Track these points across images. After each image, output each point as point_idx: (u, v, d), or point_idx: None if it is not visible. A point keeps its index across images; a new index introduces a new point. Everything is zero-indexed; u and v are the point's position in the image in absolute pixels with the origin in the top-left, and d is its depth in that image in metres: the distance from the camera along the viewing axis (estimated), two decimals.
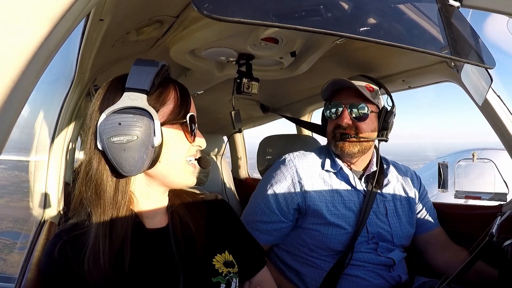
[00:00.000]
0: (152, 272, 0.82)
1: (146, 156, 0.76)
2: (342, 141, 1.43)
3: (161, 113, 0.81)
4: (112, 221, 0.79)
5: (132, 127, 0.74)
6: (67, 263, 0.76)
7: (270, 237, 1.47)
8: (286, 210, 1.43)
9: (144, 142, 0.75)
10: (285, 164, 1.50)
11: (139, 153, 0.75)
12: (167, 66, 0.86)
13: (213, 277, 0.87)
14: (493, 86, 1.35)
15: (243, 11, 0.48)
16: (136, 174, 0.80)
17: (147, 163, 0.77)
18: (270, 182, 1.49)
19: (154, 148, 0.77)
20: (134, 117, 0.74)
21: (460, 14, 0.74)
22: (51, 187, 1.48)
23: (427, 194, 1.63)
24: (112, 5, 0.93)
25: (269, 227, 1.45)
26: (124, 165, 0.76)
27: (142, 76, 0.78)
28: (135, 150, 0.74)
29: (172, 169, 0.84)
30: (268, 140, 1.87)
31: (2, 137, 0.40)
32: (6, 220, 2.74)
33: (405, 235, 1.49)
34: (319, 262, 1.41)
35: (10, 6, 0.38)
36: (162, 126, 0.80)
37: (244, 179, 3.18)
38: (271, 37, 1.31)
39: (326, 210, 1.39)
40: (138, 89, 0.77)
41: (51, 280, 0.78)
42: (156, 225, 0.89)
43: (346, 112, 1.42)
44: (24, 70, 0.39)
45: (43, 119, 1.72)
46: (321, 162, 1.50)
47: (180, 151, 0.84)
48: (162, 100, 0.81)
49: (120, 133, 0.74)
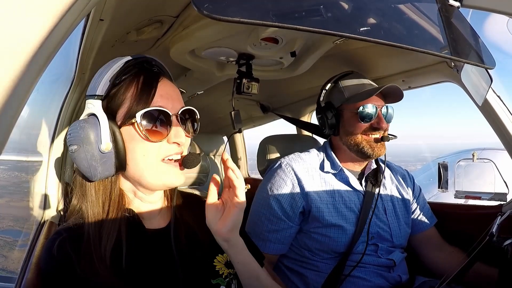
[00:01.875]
0: (151, 272, 0.82)
1: (97, 162, 0.75)
2: (379, 142, 1.41)
3: (119, 114, 0.79)
4: (102, 222, 0.80)
5: (76, 137, 0.75)
6: (66, 259, 0.76)
7: (281, 246, 1.44)
8: (292, 215, 1.41)
9: (88, 149, 0.75)
10: (283, 169, 1.47)
11: (87, 161, 0.75)
12: (140, 59, 0.82)
13: (213, 278, 0.87)
14: (493, 86, 1.35)
15: (243, 11, 0.48)
16: (100, 179, 0.79)
17: (103, 168, 0.76)
18: (271, 189, 1.46)
19: (108, 153, 0.75)
20: (77, 126, 0.76)
21: (460, 14, 0.74)
22: (51, 187, 1.48)
23: (422, 194, 1.64)
24: (112, 5, 0.93)
25: (279, 235, 1.43)
26: (83, 172, 0.77)
27: (97, 81, 0.79)
28: (82, 158, 0.75)
29: (143, 171, 0.80)
30: (268, 140, 1.87)
31: (2, 137, 0.40)
32: (6, 219, 2.78)
33: (403, 235, 1.49)
34: (321, 265, 1.40)
35: (10, 6, 0.38)
36: (122, 128, 0.78)
37: (244, 179, 3.18)
38: (271, 37, 1.31)
39: (328, 212, 1.38)
40: (91, 96, 0.78)
41: (50, 276, 0.78)
42: (156, 226, 0.89)
43: (381, 114, 1.42)
44: (24, 70, 0.39)
45: (43, 119, 1.72)
46: (320, 163, 1.50)
47: (145, 152, 0.79)
48: (119, 100, 0.79)
49: (70, 143, 0.77)
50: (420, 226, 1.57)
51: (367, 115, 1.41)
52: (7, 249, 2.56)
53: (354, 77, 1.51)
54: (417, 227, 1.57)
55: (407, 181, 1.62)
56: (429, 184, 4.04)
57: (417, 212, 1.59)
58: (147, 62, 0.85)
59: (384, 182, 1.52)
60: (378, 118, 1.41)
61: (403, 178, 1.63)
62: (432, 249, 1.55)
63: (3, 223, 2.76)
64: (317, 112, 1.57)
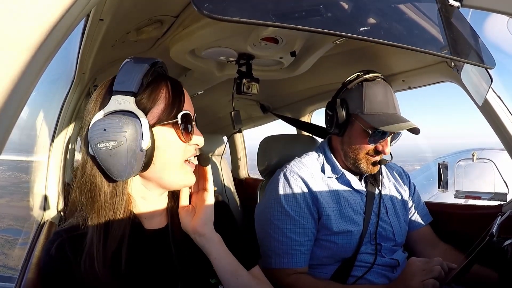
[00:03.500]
0: (150, 272, 0.82)
1: (135, 160, 0.75)
2: (377, 165, 1.40)
3: (152, 114, 0.79)
4: (109, 224, 0.79)
5: (117, 133, 0.72)
6: (65, 260, 0.76)
7: (309, 255, 1.37)
8: (312, 219, 1.37)
9: (131, 146, 0.73)
10: (288, 178, 1.41)
11: (127, 158, 0.74)
12: (160, 63, 0.85)
13: (211, 278, 0.87)
14: (493, 86, 1.34)
15: (243, 10, 0.48)
16: (128, 178, 0.79)
17: (137, 167, 0.76)
18: (281, 202, 1.37)
19: (144, 151, 0.75)
20: (119, 122, 0.73)
21: (460, 14, 0.74)
22: (51, 188, 1.48)
23: (417, 191, 1.63)
24: (112, 5, 0.93)
25: (308, 244, 1.36)
26: (113, 171, 0.75)
27: (129, 77, 0.77)
28: (122, 155, 0.73)
29: (168, 171, 0.82)
30: (268, 140, 1.87)
31: (2, 137, 0.40)
32: (7, 218, 2.81)
33: (403, 233, 1.49)
34: (326, 270, 1.39)
35: (10, 6, 0.38)
36: (154, 127, 0.78)
37: (244, 179, 3.18)
38: (271, 37, 1.31)
39: (335, 220, 1.36)
40: (124, 92, 0.76)
41: (49, 277, 0.78)
42: (155, 226, 0.89)
43: (388, 140, 1.38)
44: (24, 70, 0.39)
45: (43, 119, 1.72)
46: (320, 168, 1.47)
47: (175, 152, 0.82)
48: (152, 100, 0.79)
49: (105, 139, 0.73)
50: (416, 224, 1.57)
51: (377, 140, 1.37)
52: (8, 247, 2.61)
53: (380, 88, 1.38)
54: (412, 224, 1.56)
55: (403, 179, 1.62)
56: (429, 184, 4.04)
57: (414, 210, 1.59)
58: (162, 67, 0.88)
59: (382, 180, 1.52)
60: (385, 143, 1.38)
61: (399, 175, 1.62)
62: (426, 246, 1.55)
63: (4, 222, 2.79)
64: (329, 106, 1.47)
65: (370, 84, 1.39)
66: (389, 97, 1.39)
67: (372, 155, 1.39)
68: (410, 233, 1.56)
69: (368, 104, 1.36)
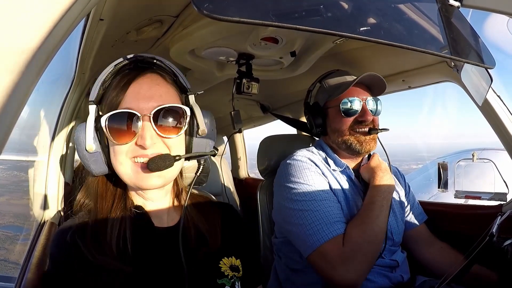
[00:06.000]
0: (158, 269, 0.83)
1: (88, 161, 0.82)
2: (367, 136, 1.37)
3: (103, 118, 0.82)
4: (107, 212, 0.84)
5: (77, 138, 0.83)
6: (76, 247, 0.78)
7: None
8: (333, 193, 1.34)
9: (79, 150, 0.83)
10: (300, 160, 1.39)
11: (83, 159, 0.83)
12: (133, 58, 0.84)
13: (218, 278, 0.87)
14: (493, 86, 1.35)
15: (243, 10, 0.48)
16: (101, 175, 0.86)
17: (94, 167, 0.83)
18: (301, 186, 1.30)
19: (93, 153, 0.81)
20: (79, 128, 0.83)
21: (460, 14, 0.74)
22: (51, 187, 1.48)
23: (411, 191, 1.64)
24: (112, 5, 0.93)
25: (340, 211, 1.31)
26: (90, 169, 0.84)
27: (95, 85, 0.83)
28: (79, 156, 0.84)
29: (118, 171, 0.83)
30: (268, 140, 1.87)
31: (2, 137, 0.40)
32: (7, 216, 2.89)
33: (401, 232, 1.49)
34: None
35: (9, 6, 0.38)
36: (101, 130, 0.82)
37: (244, 179, 3.18)
38: (271, 37, 1.31)
39: (344, 209, 1.34)
40: (89, 101, 0.83)
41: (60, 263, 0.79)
42: (165, 224, 0.90)
43: (366, 107, 1.39)
44: (24, 70, 0.39)
45: (43, 119, 1.72)
46: (324, 160, 1.47)
47: (117, 152, 0.81)
48: (103, 104, 0.84)
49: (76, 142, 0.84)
50: (412, 223, 1.57)
51: (350, 109, 1.38)
52: (9, 243, 2.74)
53: (337, 75, 1.51)
54: (409, 223, 1.56)
55: (399, 178, 1.62)
56: (428, 184, 4.04)
57: (409, 209, 1.59)
58: (141, 61, 0.85)
59: None
60: (363, 110, 1.38)
61: (395, 175, 1.62)
62: (422, 244, 1.55)
63: (4, 219, 2.85)
64: (305, 113, 1.59)
65: (328, 76, 1.54)
66: (348, 76, 1.48)
67: (357, 127, 1.39)
68: (406, 232, 1.56)
69: (329, 88, 1.47)
